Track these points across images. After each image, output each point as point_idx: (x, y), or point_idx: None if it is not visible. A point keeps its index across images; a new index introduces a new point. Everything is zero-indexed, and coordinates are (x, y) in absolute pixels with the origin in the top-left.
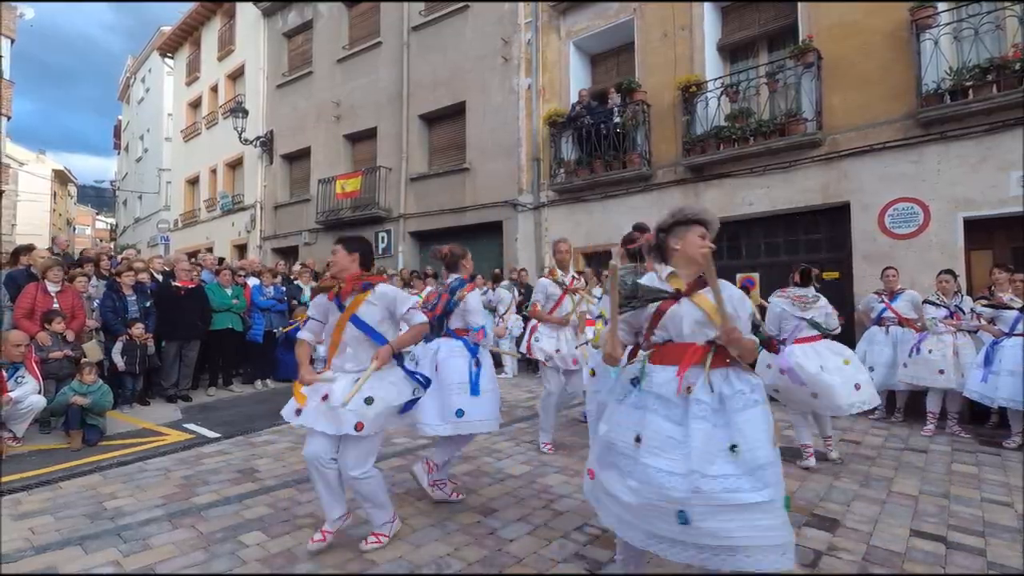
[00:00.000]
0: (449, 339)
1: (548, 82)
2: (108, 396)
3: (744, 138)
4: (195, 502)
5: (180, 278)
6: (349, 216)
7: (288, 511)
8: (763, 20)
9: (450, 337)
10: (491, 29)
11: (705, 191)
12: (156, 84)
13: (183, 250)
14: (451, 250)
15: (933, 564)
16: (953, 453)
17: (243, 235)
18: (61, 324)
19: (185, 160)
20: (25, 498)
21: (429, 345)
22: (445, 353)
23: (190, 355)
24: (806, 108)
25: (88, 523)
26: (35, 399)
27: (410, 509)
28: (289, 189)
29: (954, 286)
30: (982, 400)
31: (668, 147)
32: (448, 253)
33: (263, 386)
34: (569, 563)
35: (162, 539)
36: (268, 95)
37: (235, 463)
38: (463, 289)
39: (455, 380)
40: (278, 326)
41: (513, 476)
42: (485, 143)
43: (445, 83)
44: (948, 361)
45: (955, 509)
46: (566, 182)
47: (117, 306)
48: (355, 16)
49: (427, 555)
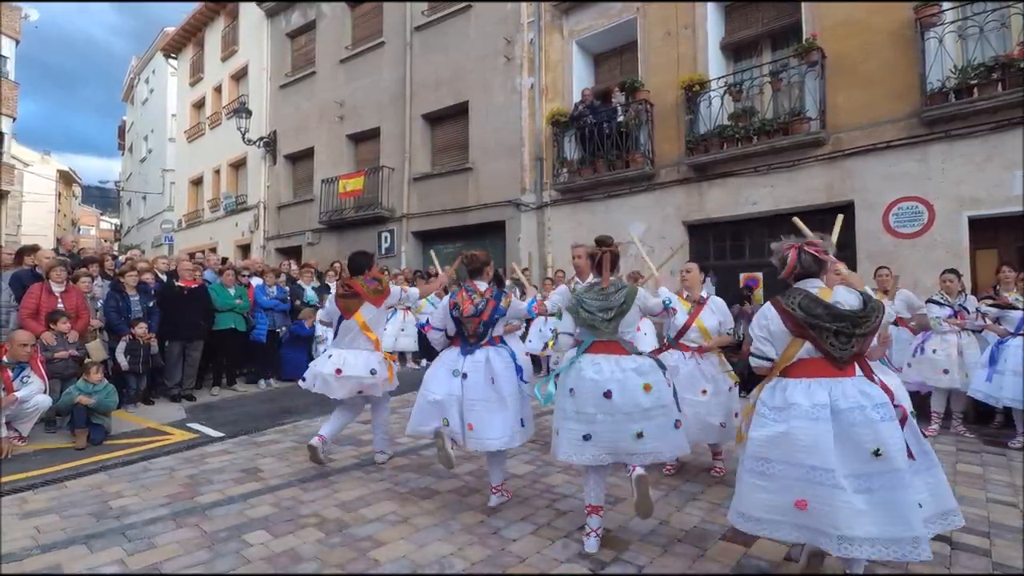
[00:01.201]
0: (498, 348)
1: (551, 82)
2: (113, 396)
3: (747, 137)
4: (199, 501)
5: (183, 278)
6: (352, 216)
7: (292, 510)
8: (766, 19)
9: (493, 346)
10: (494, 29)
11: (708, 190)
12: (160, 85)
13: (187, 250)
14: (481, 256)
15: (937, 565)
16: (958, 453)
17: (246, 235)
18: (66, 324)
19: (189, 160)
20: (31, 497)
21: (475, 356)
22: (500, 366)
23: (194, 355)
24: (810, 107)
25: (93, 522)
26: (41, 398)
27: (413, 508)
28: (292, 189)
29: (958, 285)
30: (987, 400)
31: (671, 146)
32: (477, 258)
33: (267, 386)
34: (572, 563)
35: (167, 538)
36: (271, 95)
37: (239, 462)
38: (507, 296)
39: (513, 392)
40: (281, 326)
41: (516, 476)
42: (488, 143)
43: (448, 83)
44: (952, 361)
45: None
46: (569, 182)
47: (120, 306)
48: (358, 16)
49: (430, 554)
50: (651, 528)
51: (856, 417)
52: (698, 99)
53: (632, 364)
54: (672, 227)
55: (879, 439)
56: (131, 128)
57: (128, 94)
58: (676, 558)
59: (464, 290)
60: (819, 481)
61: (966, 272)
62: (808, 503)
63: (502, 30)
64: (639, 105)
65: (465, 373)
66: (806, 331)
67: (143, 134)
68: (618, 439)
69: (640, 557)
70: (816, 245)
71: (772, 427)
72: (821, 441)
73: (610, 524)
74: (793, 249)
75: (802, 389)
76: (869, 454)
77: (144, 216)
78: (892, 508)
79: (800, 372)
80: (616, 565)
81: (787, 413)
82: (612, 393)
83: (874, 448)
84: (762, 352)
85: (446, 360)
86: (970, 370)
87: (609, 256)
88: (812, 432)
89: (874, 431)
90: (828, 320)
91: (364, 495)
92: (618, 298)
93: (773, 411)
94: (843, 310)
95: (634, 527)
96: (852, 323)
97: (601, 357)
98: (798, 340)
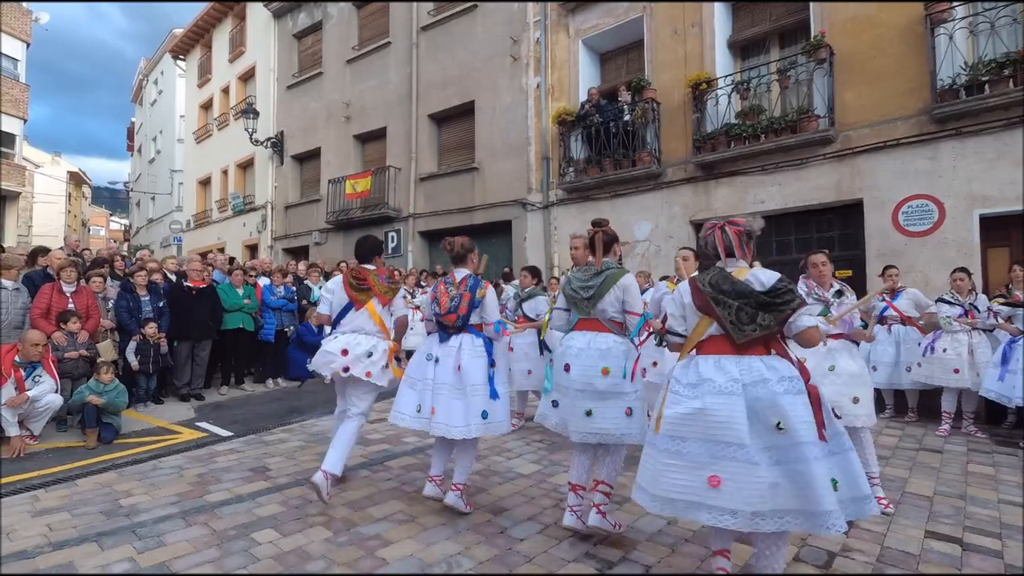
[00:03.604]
0: (471, 336)
1: (557, 81)
2: (124, 395)
3: (755, 136)
4: (208, 500)
5: (192, 278)
6: (359, 216)
7: (300, 509)
8: (774, 16)
9: (470, 333)
10: (500, 28)
11: (716, 189)
12: (168, 86)
13: (195, 250)
14: (462, 242)
15: (949, 566)
16: (969, 453)
17: (254, 235)
18: (76, 324)
19: (197, 161)
20: (43, 495)
21: (449, 342)
22: (468, 354)
23: (202, 355)
24: (818, 105)
25: (104, 520)
26: (52, 398)
27: (420, 508)
28: (300, 189)
29: (969, 284)
30: (999, 400)
31: (678, 145)
32: (459, 245)
33: (275, 385)
34: (579, 563)
35: (176, 536)
36: (279, 96)
37: (247, 461)
38: (482, 288)
39: (478, 381)
40: (289, 325)
41: (523, 475)
42: (494, 142)
43: (454, 83)
44: (963, 360)
45: (971, 510)
46: (575, 181)
47: (131, 306)
48: (364, 17)
49: (438, 553)
50: (659, 528)
51: (759, 392)
52: (705, 97)
53: (602, 344)
54: (679, 226)
55: (780, 412)
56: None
57: (137, 95)
58: (684, 558)
59: (443, 283)
60: (733, 457)
61: (977, 271)
62: (721, 480)
63: (508, 30)
64: (646, 104)
65: (437, 358)
66: (711, 308)
67: (152, 135)
68: (569, 413)
69: (648, 557)
70: (737, 225)
71: (687, 403)
72: (735, 416)
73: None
74: (716, 228)
75: (712, 364)
76: (772, 428)
77: (153, 216)
78: (801, 480)
79: (710, 350)
80: (623, 565)
81: (701, 389)
82: (570, 367)
83: (775, 421)
84: (672, 328)
85: (423, 347)
86: (981, 369)
87: (600, 235)
88: (726, 407)
89: (775, 404)
90: (732, 296)
91: (371, 494)
92: (599, 279)
93: (687, 387)
94: (747, 288)
95: (642, 527)
96: (756, 302)
97: (579, 333)
98: (707, 318)
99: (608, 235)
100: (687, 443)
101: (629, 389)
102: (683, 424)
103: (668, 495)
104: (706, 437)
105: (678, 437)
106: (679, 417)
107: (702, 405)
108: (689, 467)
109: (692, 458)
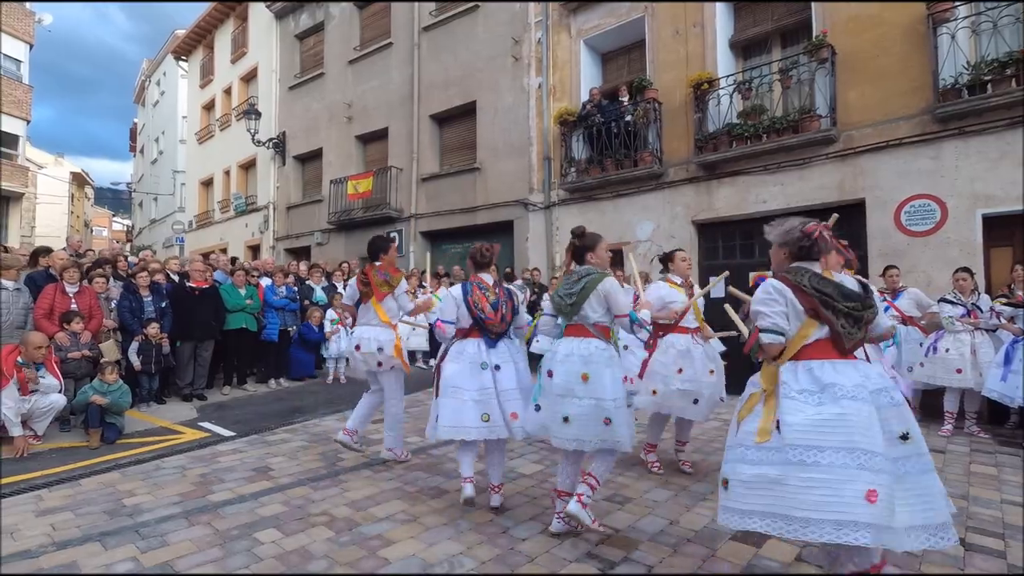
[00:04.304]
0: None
1: (559, 81)
2: (127, 396)
3: (757, 135)
4: (211, 500)
5: (194, 279)
6: (361, 216)
7: (302, 509)
8: (776, 16)
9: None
10: (502, 29)
11: (718, 189)
12: (171, 87)
13: (198, 251)
14: (494, 249)
15: (951, 566)
16: (971, 454)
17: (256, 236)
18: (79, 324)
19: (199, 162)
20: (46, 494)
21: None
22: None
23: (205, 355)
24: (820, 104)
25: (107, 520)
26: (56, 398)
27: (423, 507)
28: (301, 190)
29: (971, 284)
30: (1002, 400)
31: (680, 145)
32: (491, 251)
33: (277, 385)
34: (581, 563)
35: (179, 536)
36: (281, 97)
37: (250, 461)
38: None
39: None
40: (291, 325)
41: (525, 475)
42: (496, 142)
43: (456, 83)
44: (966, 360)
45: (974, 511)
46: (577, 181)
47: (134, 306)
48: (366, 17)
49: (440, 553)
50: (661, 528)
51: (883, 400)
52: (707, 97)
53: (584, 350)
54: (681, 226)
55: (906, 422)
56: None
57: (140, 96)
58: (686, 558)
59: (476, 287)
60: (880, 468)
61: (980, 270)
62: (878, 494)
63: (510, 30)
64: (648, 104)
65: (497, 365)
66: (820, 310)
67: (154, 136)
68: (550, 419)
69: (649, 557)
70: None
71: (821, 409)
72: (873, 422)
73: (619, 524)
74: (822, 227)
75: (830, 368)
76: (897, 438)
77: (155, 217)
78: (925, 493)
79: (815, 354)
80: (625, 565)
81: (830, 394)
82: (553, 374)
83: (902, 432)
84: (778, 327)
85: (467, 355)
86: (984, 369)
87: (571, 247)
88: (864, 412)
89: (900, 414)
90: (839, 299)
91: (374, 494)
92: (579, 285)
93: (804, 394)
94: (852, 290)
95: (644, 527)
96: (862, 304)
97: (566, 340)
98: (812, 321)
99: (576, 245)
100: (824, 453)
101: (608, 396)
102: (819, 432)
103: (806, 515)
104: (851, 446)
105: (813, 447)
106: (810, 425)
107: (842, 411)
108: (836, 481)
109: (836, 471)
